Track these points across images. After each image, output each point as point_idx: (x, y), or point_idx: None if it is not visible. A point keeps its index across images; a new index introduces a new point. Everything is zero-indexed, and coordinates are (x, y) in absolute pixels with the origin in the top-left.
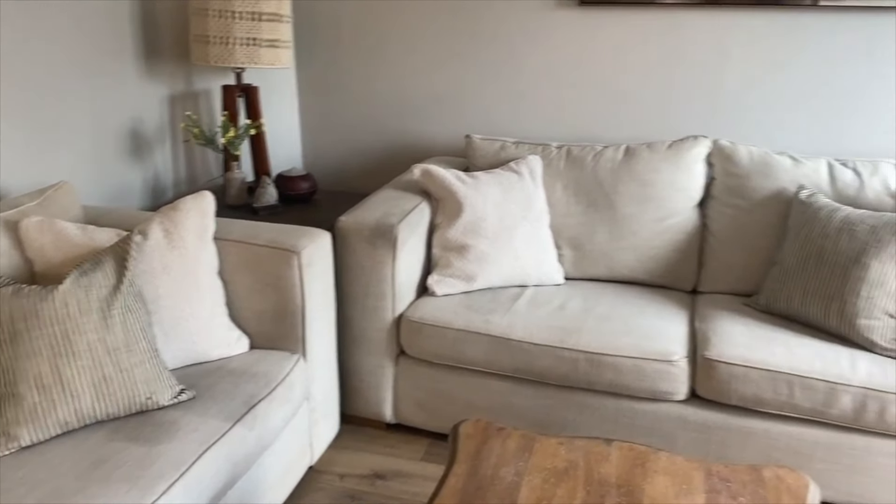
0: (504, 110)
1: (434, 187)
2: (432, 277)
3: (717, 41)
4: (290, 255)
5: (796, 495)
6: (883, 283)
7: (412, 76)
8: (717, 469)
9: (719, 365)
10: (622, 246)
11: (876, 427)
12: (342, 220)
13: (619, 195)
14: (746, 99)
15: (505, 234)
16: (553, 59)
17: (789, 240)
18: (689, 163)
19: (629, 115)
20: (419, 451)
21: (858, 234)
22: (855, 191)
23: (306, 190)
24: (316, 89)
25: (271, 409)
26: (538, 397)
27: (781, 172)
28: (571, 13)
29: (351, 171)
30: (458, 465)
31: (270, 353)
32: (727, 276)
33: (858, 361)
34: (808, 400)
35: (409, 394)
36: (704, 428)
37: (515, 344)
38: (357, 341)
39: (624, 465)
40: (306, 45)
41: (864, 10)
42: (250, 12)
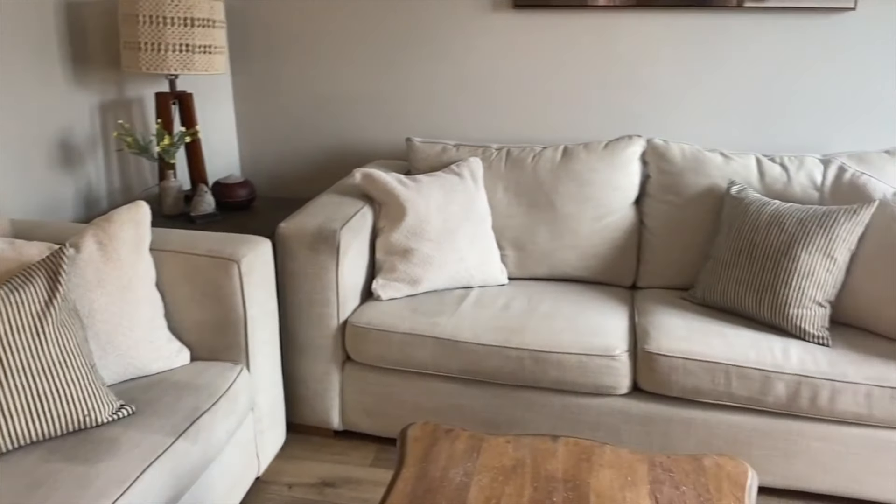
0: (444, 113)
1: (376, 191)
2: (377, 282)
3: (648, 42)
4: (230, 263)
5: (736, 482)
6: (811, 273)
7: (350, 80)
8: (660, 460)
9: (659, 358)
10: (563, 245)
11: (808, 412)
12: (283, 226)
13: (558, 195)
14: (678, 98)
15: (448, 236)
16: (490, 61)
17: (722, 234)
18: (624, 162)
19: (566, 115)
20: (368, 456)
21: (787, 226)
22: (783, 185)
23: (245, 197)
24: (252, 95)
25: (215, 421)
26: (486, 397)
27: (713, 169)
28: (506, 15)
29: (290, 176)
30: (406, 469)
31: (213, 364)
32: (665, 271)
33: (791, 349)
34: (744, 389)
35: (357, 400)
36: (647, 420)
37: (462, 345)
38: (302, 349)
39: (570, 461)
40: (241, 50)
41: (787, 11)
42: (182, 18)
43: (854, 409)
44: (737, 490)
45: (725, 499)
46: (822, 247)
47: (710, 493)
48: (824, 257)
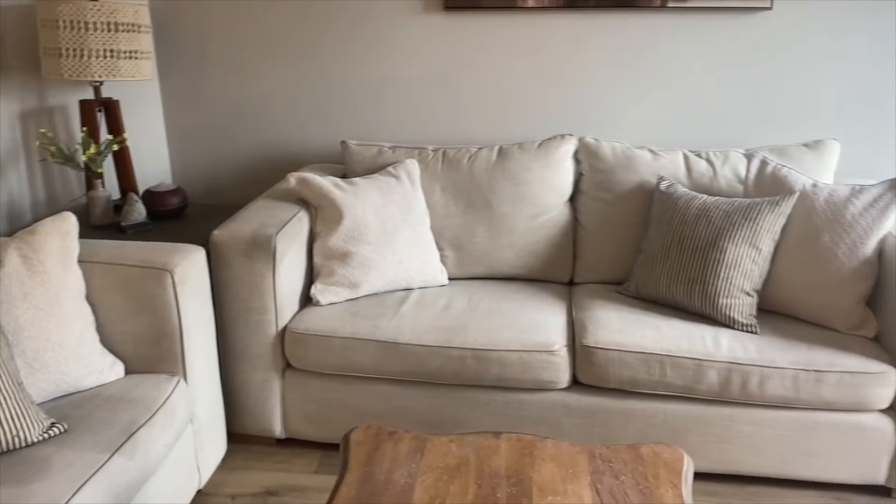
0: (379, 115)
1: (311, 195)
2: (315, 287)
3: (577, 42)
4: (163, 273)
5: (672, 469)
6: (738, 263)
7: (283, 83)
8: (600, 451)
9: (597, 351)
10: (501, 244)
11: (740, 398)
12: (216, 233)
13: (495, 195)
14: (608, 97)
15: (387, 238)
16: (423, 62)
17: (653, 228)
18: (557, 161)
19: (500, 115)
20: (312, 463)
21: (714, 219)
22: (709, 179)
23: (177, 205)
24: (182, 100)
25: (152, 435)
26: (429, 398)
27: (642, 166)
28: (438, 17)
29: (224, 183)
30: (349, 473)
31: (148, 377)
32: (600, 267)
33: (721, 338)
34: (678, 378)
35: (299, 407)
36: (587, 413)
37: (404, 347)
38: (240, 358)
39: (513, 456)
40: (169, 55)
41: (708, 11)
42: (105, 22)
43: (782, 393)
44: (673, 476)
45: (663, 485)
46: (747, 238)
47: (647, 481)
48: (750, 248)
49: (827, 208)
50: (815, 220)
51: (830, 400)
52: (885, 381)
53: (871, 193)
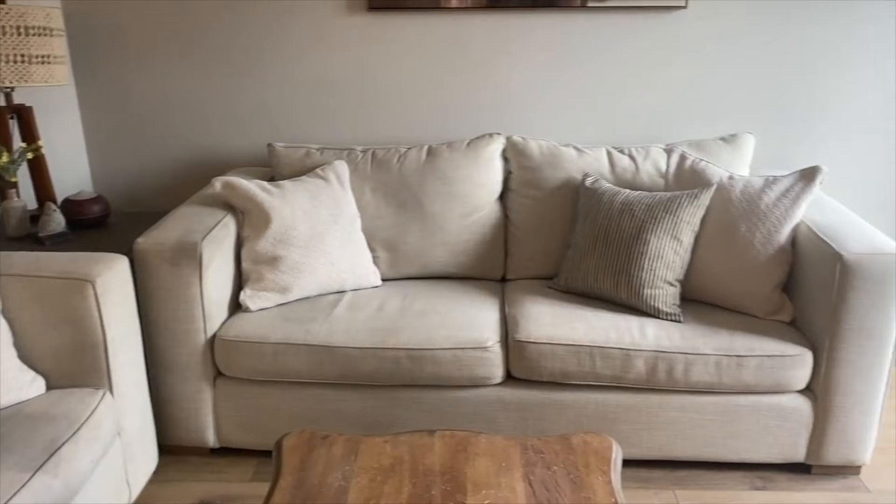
0: (305, 117)
1: (238, 200)
2: (245, 293)
3: (501, 42)
4: (84, 284)
5: (602, 457)
6: (661, 255)
7: (207, 86)
8: (532, 443)
9: (528, 345)
10: (433, 243)
11: (666, 385)
12: (140, 241)
13: (425, 194)
14: (533, 95)
15: (317, 241)
16: (349, 63)
17: (579, 223)
18: (486, 159)
19: (428, 115)
20: (247, 471)
21: (637, 213)
22: (632, 175)
23: (98, 213)
24: (101, 105)
25: (77, 451)
26: (365, 400)
27: (568, 162)
28: (362, 18)
29: (147, 189)
30: (283, 479)
31: (72, 391)
32: (530, 263)
33: (647, 328)
34: (608, 368)
35: (232, 415)
36: (521, 406)
37: (338, 350)
38: (169, 368)
39: (447, 453)
40: (85, 59)
41: (626, 10)
42: (15, 26)
43: (706, 379)
44: (602, 464)
45: (593, 473)
46: (668, 230)
47: (578, 470)
48: (671, 240)
49: (743, 199)
50: (731, 210)
51: (751, 383)
52: (801, 363)
53: (783, 184)
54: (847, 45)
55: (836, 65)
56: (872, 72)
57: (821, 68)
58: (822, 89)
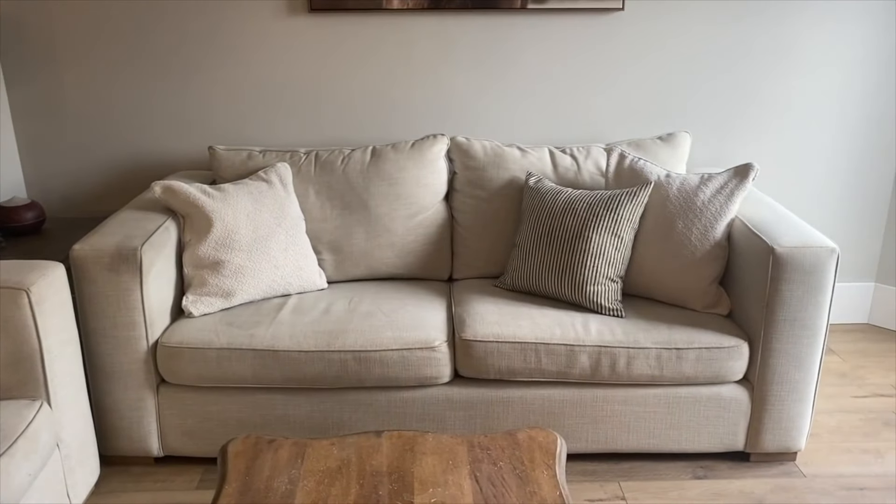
0: (247, 120)
1: (178, 204)
2: (187, 298)
3: (443, 43)
4: (18, 293)
5: (547, 451)
6: (602, 252)
7: (144, 89)
8: (479, 440)
9: (475, 344)
10: (380, 244)
11: (609, 379)
12: (77, 248)
13: (370, 196)
14: (476, 96)
15: (261, 244)
16: (291, 65)
17: (524, 222)
18: (431, 160)
19: (372, 117)
20: (193, 479)
21: (579, 211)
22: (574, 174)
23: (32, 220)
24: (33, 108)
25: (13, 465)
26: (312, 403)
27: (512, 163)
28: (303, 19)
29: (84, 195)
30: (228, 485)
31: (6, 403)
32: (477, 262)
33: (590, 323)
34: (553, 364)
35: (176, 423)
36: (469, 405)
37: (283, 354)
38: (110, 376)
39: (394, 453)
40: (16, 61)
41: (565, 12)
42: None
43: (648, 372)
44: (548, 458)
45: (538, 468)
46: (609, 228)
47: (524, 465)
48: (612, 237)
49: (679, 196)
50: (669, 207)
51: (691, 375)
52: (738, 353)
53: (718, 181)
54: (779, 44)
55: (768, 64)
56: (804, 70)
57: (753, 68)
58: (754, 88)
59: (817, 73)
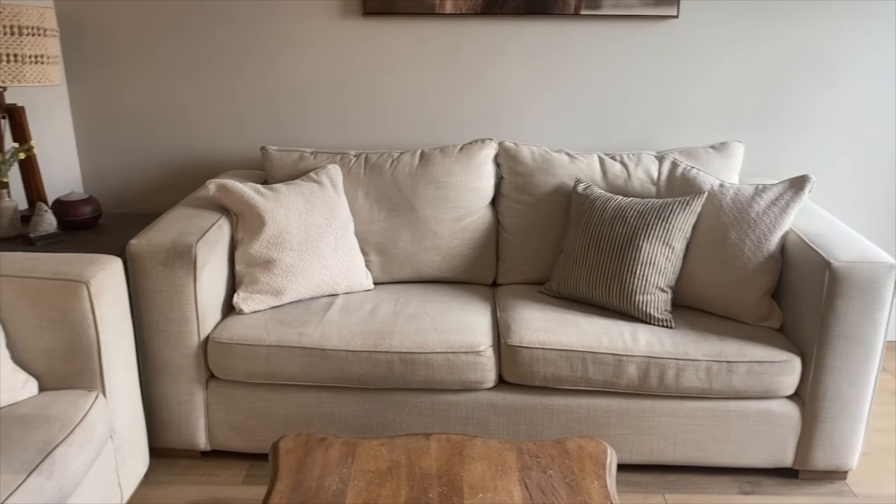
0: (298, 120)
1: (232, 202)
2: (238, 295)
3: (495, 48)
4: (78, 286)
5: (597, 461)
6: (653, 261)
7: (200, 88)
8: (527, 447)
9: (521, 350)
10: (425, 247)
11: (657, 390)
12: (134, 243)
13: (418, 199)
14: (525, 101)
15: (311, 244)
16: (343, 67)
17: (571, 229)
18: (478, 164)
19: (420, 120)
20: (239, 474)
21: (629, 219)
22: (624, 181)
23: (89, 214)
24: (92, 106)
25: (70, 453)
26: (358, 403)
27: (560, 168)
28: (357, 23)
29: (138, 191)
30: (280, 482)
31: (64, 393)
32: (522, 267)
33: (639, 333)
34: (600, 373)
35: (224, 418)
36: (513, 410)
37: (331, 353)
38: (162, 370)
39: (443, 457)
40: (77, 59)
41: (619, 19)
42: (9, 26)
43: (696, 384)
44: (598, 468)
45: (588, 478)
46: (660, 237)
47: (574, 474)
48: (663, 246)
49: (733, 207)
50: (722, 218)
51: (741, 389)
52: (790, 368)
53: (773, 192)
54: (836, 54)
55: (824, 74)
56: (861, 81)
57: (809, 77)
58: (810, 98)
59: (875, 85)
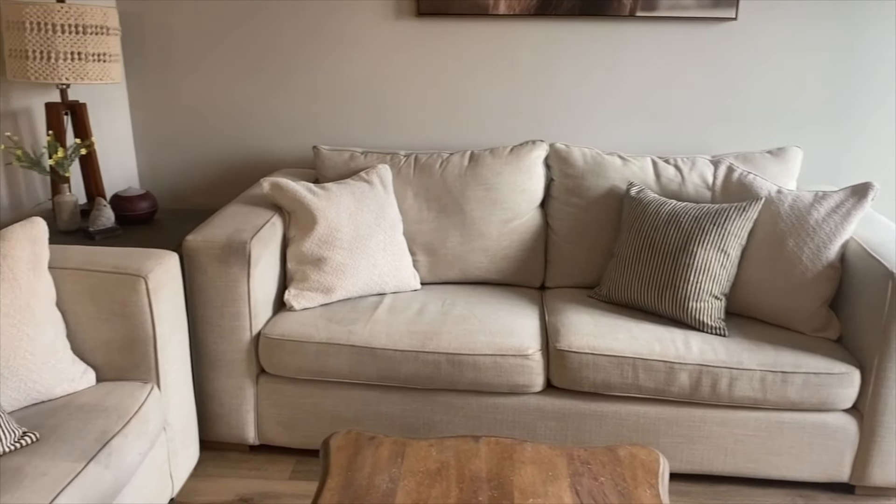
0: (350, 120)
1: (285, 200)
2: (289, 292)
3: (547, 49)
4: (137, 279)
5: (649, 469)
6: (707, 268)
7: (253, 87)
8: (578, 453)
9: (570, 355)
10: (473, 248)
11: (709, 399)
12: (190, 239)
13: (467, 200)
14: (578, 103)
15: (360, 243)
16: (395, 68)
17: (623, 233)
18: (529, 166)
19: (471, 122)
20: (286, 470)
21: (683, 224)
22: (678, 185)
23: (146, 210)
24: (150, 103)
25: (127, 443)
26: (404, 403)
27: (612, 171)
28: (410, 23)
29: (192, 188)
30: (331, 479)
31: (121, 384)
32: (571, 271)
33: (691, 341)
34: (650, 380)
35: (273, 413)
36: (561, 416)
37: (379, 352)
38: (214, 364)
39: (493, 460)
40: (137, 57)
41: (675, 21)
42: (73, 25)
43: (750, 394)
44: (650, 476)
45: (640, 486)
46: (715, 243)
47: (626, 482)
48: (718, 252)
49: (792, 214)
50: (780, 225)
51: (796, 400)
52: (848, 381)
53: (833, 199)
54: None
55: (885, 79)
56: None
57: (872, 81)
58: (872, 102)
59: None
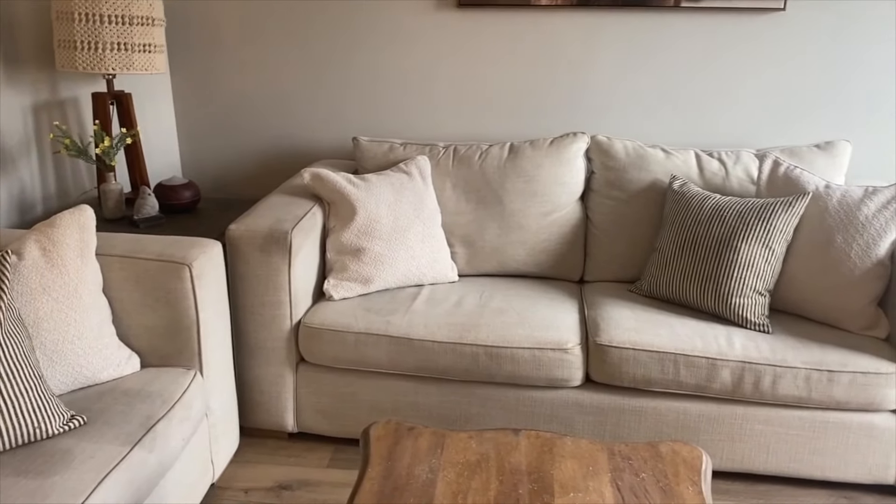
0: (389, 111)
1: (325, 191)
2: (329, 282)
3: (590, 41)
4: (181, 267)
5: (691, 466)
6: (751, 264)
7: (294, 78)
8: (619, 448)
9: (610, 349)
10: (512, 241)
11: (752, 397)
12: (232, 228)
13: (506, 192)
14: (620, 95)
15: (399, 234)
16: (435, 59)
17: (665, 227)
18: (569, 158)
19: (511, 113)
20: (324, 458)
21: (727, 219)
22: (721, 179)
23: (189, 199)
24: (193, 94)
25: (170, 428)
26: (442, 394)
27: (655, 164)
28: (450, 14)
29: (234, 177)
30: (371, 468)
31: (165, 370)
32: (611, 265)
33: (734, 337)
34: (692, 377)
35: (311, 401)
36: (600, 410)
37: (417, 343)
38: (254, 352)
39: (533, 453)
40: (181, 49)
41: (721, 11)
42: (120, 16)
43: (794, 393)
44: (692, 474)
45: (682, 483)
46: (760, 238)
47: (667, 479)
48: (763, 248)
49: (840, 209)
50: (827, 220)
51: (842, 400)
52: None
53: (884, 195)
54: None
55: None
56: None
57: None
58: None
59: None
